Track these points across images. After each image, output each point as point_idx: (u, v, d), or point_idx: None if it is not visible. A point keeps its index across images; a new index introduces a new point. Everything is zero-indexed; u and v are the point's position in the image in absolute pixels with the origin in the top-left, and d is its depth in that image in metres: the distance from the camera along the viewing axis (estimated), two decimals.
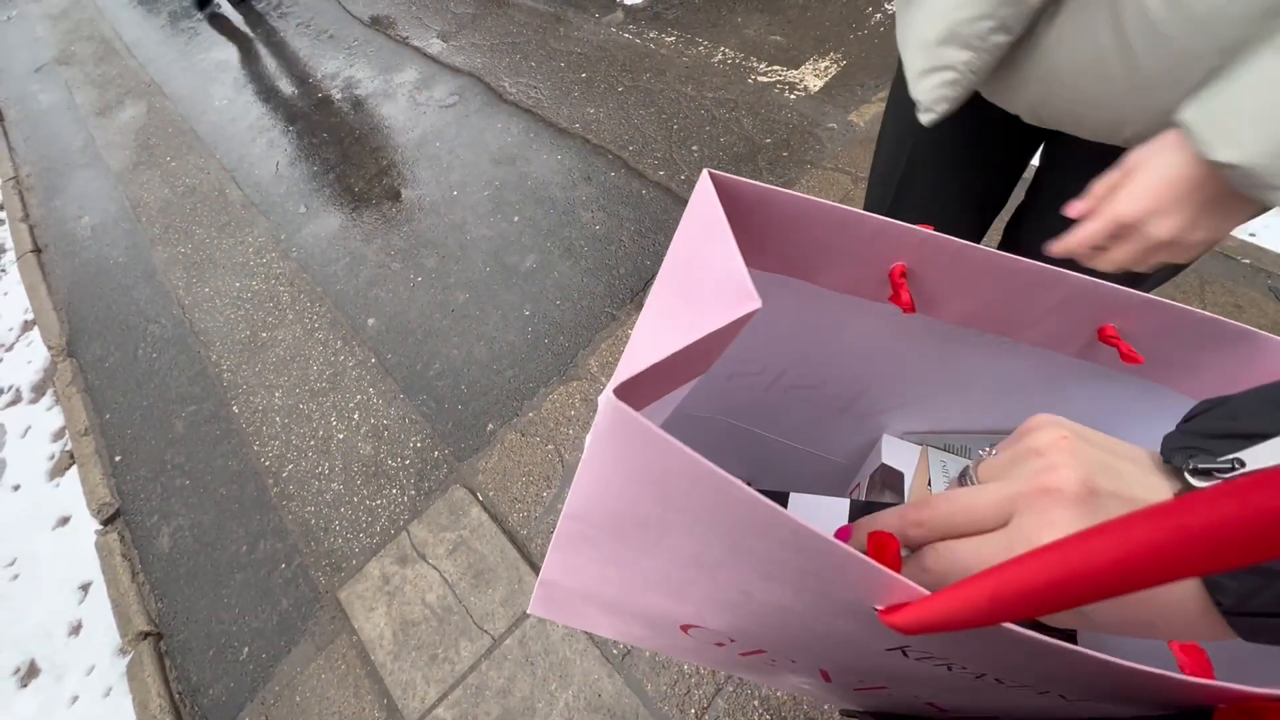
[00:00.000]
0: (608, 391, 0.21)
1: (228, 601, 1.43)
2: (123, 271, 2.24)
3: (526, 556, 1.33)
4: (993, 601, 0.18)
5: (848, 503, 0.39)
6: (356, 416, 1.65)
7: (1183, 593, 0.21)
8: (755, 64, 2.22)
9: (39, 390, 2.02)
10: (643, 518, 0.26)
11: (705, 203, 0.29)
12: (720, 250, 0.26)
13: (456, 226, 2.01)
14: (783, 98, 2.08)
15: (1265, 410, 0.22)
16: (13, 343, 2.19)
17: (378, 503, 1.48)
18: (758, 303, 0.23)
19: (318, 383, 1.74)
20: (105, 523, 1.64)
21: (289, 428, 1.67)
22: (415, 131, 2.38)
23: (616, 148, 2.08)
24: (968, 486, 0.27)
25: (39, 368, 2.08)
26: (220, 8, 3.55)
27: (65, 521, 1.69)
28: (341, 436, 1.62)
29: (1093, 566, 0.16)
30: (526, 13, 2.79)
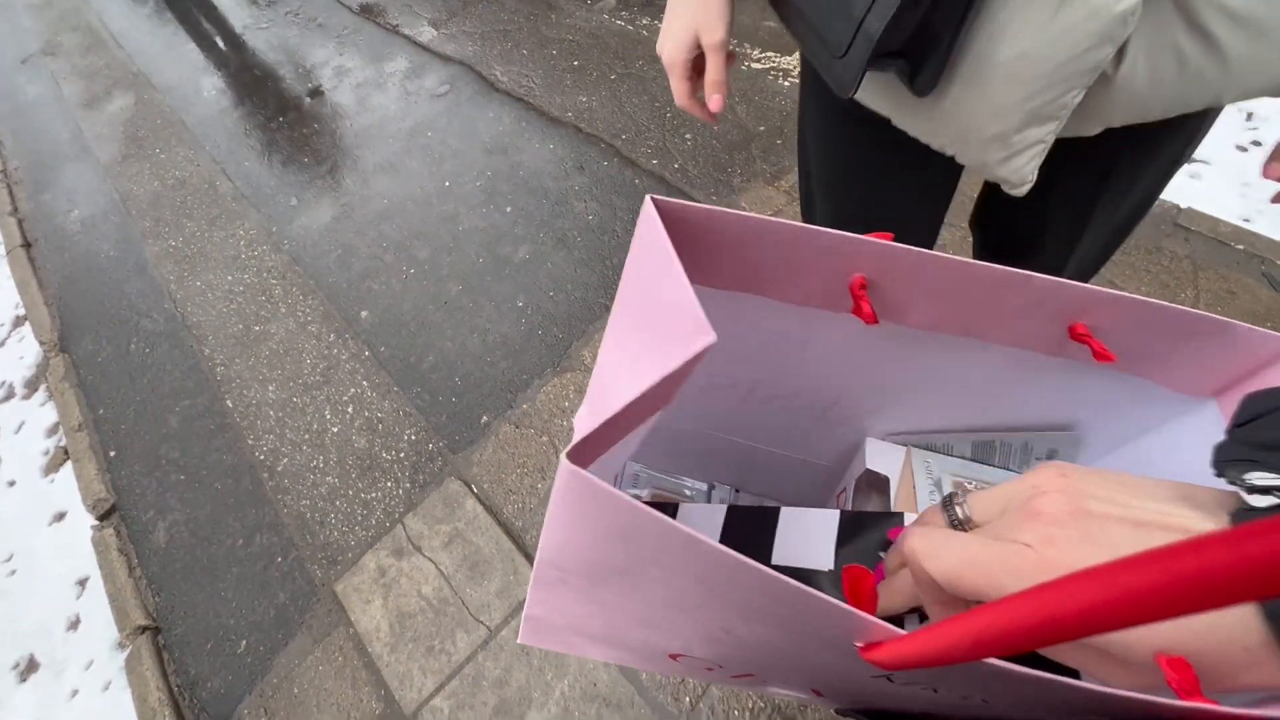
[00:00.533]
0: (563, 456, 0.21)
1: (225, 595, 1.44)
2: (114, 266, 2.23)
3: (522, 548, 1.33)
4: (974, 643, 0.18)
5: (837, 514, 0.39)
6: (350, 410, 1.65)
7: (1238, 627, 0.19)
8: (748, 50, 2.20)
9: (31, 386, 2.01)
10: (617, 567, 0.26)
11: (651, 230, 0.28)
12: (669, 281, 0.25)
13: (449, 218, 2.00)
14: (776, 84, 2.06)
15: None
16: (4, 338, 2.18)
17: (373, 496, 1.49)
18: (712, 337, 0.22)
19: (311, 376, 1.74)
20: (101, 518, 1.64)
21: (283, 421, 1.67)
22: (407, 121, 2.35)
23: (609, 137, 2.06)
24: (970, 533, 0.26)
25: (31, 363, 2.07)
26: None
27: (61, 517, 1.69)
28: (336, 430, 1.62)
29: (1073, 608, 0.16)
30: None
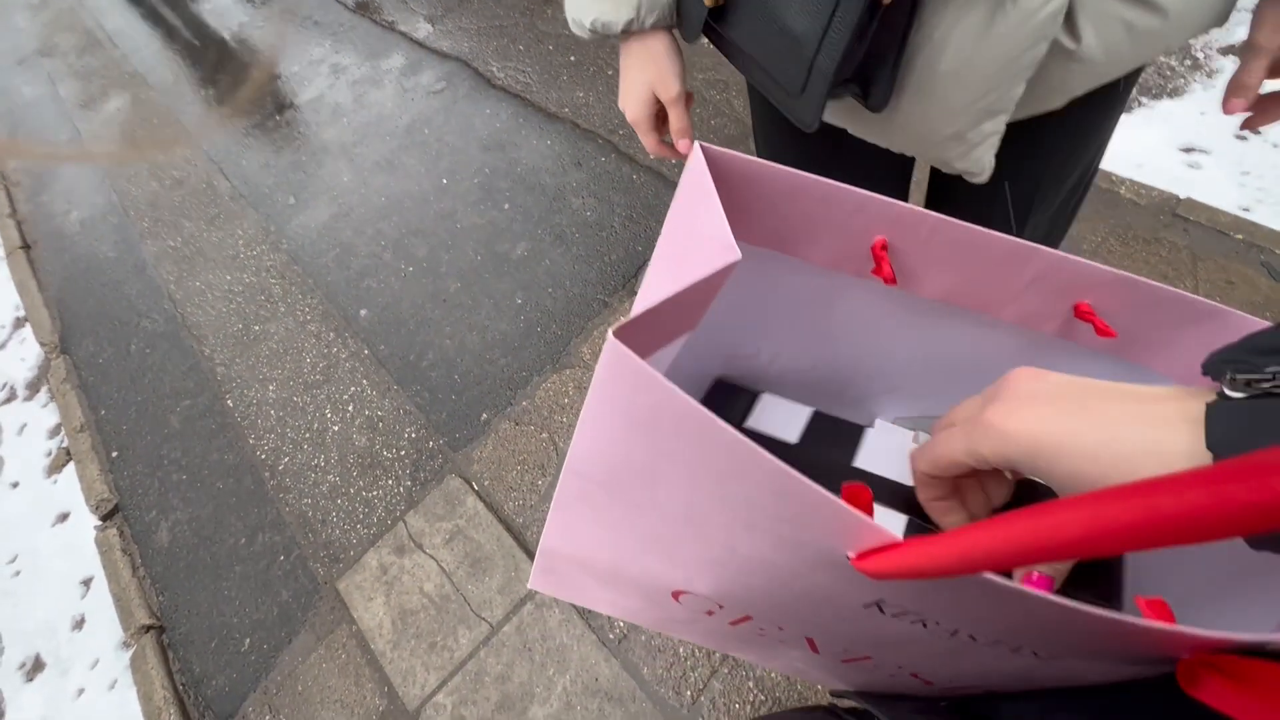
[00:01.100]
0: (610, 332, 0.23)
1: (228, 594, 1.45)
2: (113, 266, 2.23)
3: (523, 544, 1.34)
4: (960, 558, 0.19)
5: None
6: (351, 408, 1.65)
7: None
8: None
9: (33, 387, 2.02)
10: (636, 467, 0.28)
11: (696, 173, 0.31)
12: (707, 214, 0.28)
13: (447, 215, 2.00)
14: None
15: None
16: (5, 340, 2.18)
17: (374, 494, 1.49)
18: (737, 255, 0.25)
19: (311, 375, 1.74)
20: (104, 518, 1.65)
21: (284, 421, 1.67)
22: (404, 118, 2.35)
23: (606, 132, 2.06)
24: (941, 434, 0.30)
25: (32, 365, 2.07)
26: None
27: (64, 518, 1.70)
28: (336, 429, 1.62)
29: (1060, 538, 0.17)
30: None
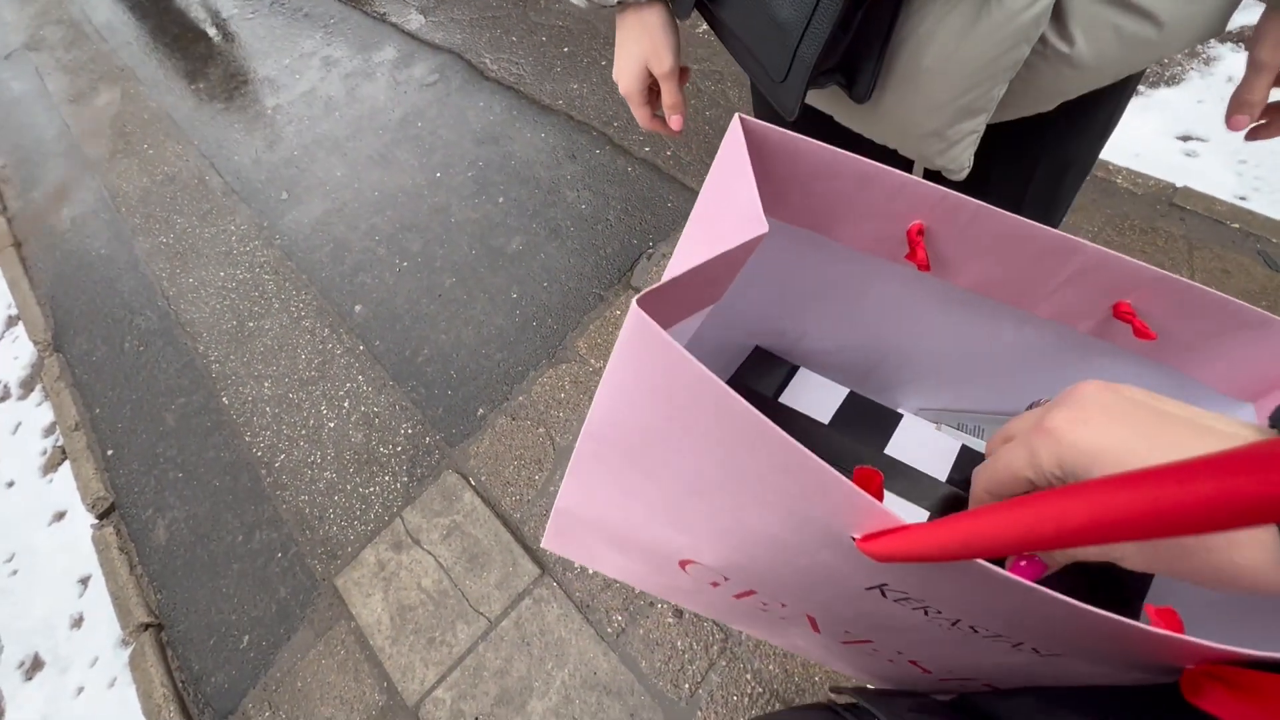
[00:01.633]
0: (634, 301, 0.23)
1: (226, 591, 1.45)
2: (105, 263, 2.21)
3: (520, 539, 1.34)
4: (964, 544, 0.19)
5: (959, 443, 0.41)
6: (347, 404, 1.65)
7: (1260, 546, 0.19)
8: None
9: (27, 386, 2.01)
10: (652, 433, 0.28)
11: (734, 145, 0.31)
12: (740, 186, 0.28)
13: (441, 209, 1.98)
14: None
15: None
16: None
17: (371, 490, 1.49)
18: (765, 227, 0.25)
19: (306, 371, 1.73)
20: (101, 517, 1.64)
21: (280, 418, 1.67)
22: (396, 112, 2.33)
23: (601, 124, 2.04)
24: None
25: (26, 363, 2.06)
26: None
27: (61, 516, 1.69)
28: (332, 425, 1.62)
29: (1064, 525, 0.17)
30: None
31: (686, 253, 0.30)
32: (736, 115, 0.31)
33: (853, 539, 0.23)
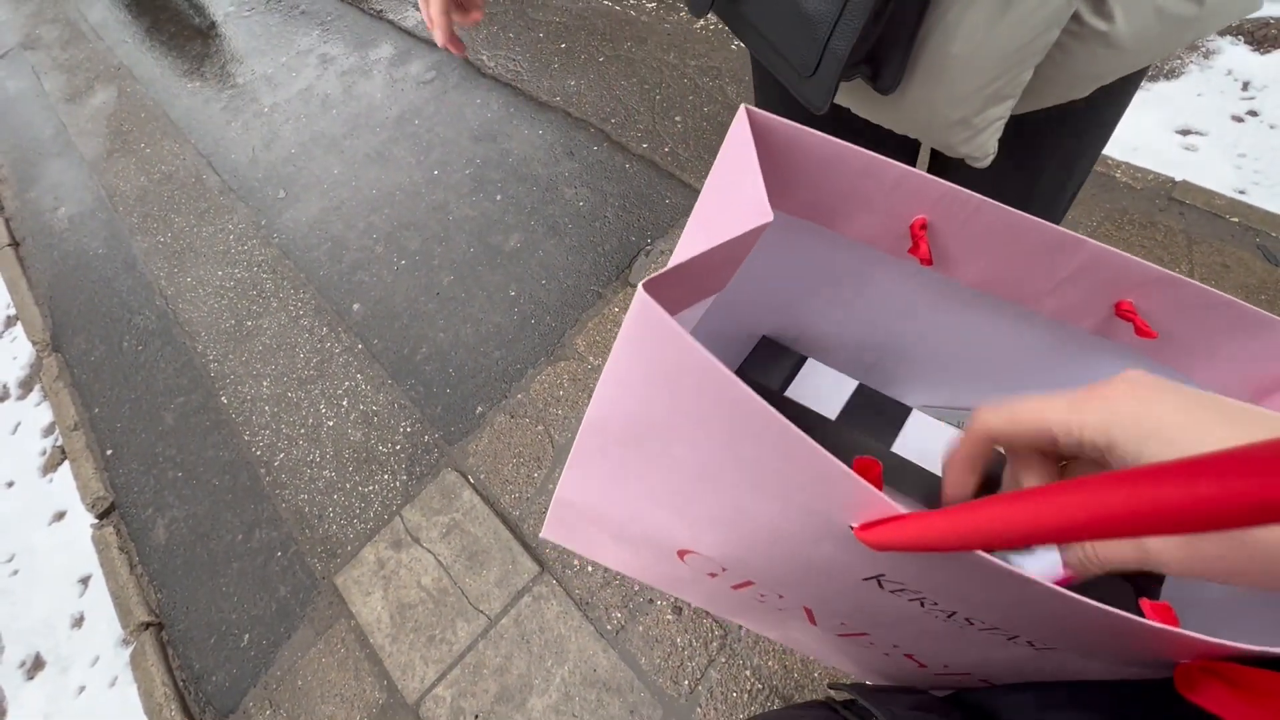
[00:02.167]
0: (640, 286, 0.23)
1: (226, 590, 1.45)
2: (103, 263, 2.21)
3: (519, 537, 1.34)
4: (962, 535, 0.19)
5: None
6: (345, 403, 1.65)
7: None
8: None
9: (26, 386, 2.01)
10: (655, 420, 0.28)
11: (739, 135, 0.31)
12: (746, 177, 0.28)
13: (439, 207, 1.98)
14: None
15: None
16: None
17: (370, 488, 1.49)
18: (769, 215, 0.25)
19: (305, 370, 1.73)
20: (100, 516, 1.64)
21: (278, 416, 1.67)
22: (393, 109, 2.32)
23: (598, 121, 2.03)
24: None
25: (24, 363, 2.06)
26: None
27: (61, 516, 1.70)
28: (331, 424, 1.62)
29: (1063, 520, 0.17)
30: None
31: (692, 240, 0.30)
32: (743, 106, 0.31)
33: (850, 528, 0.23)
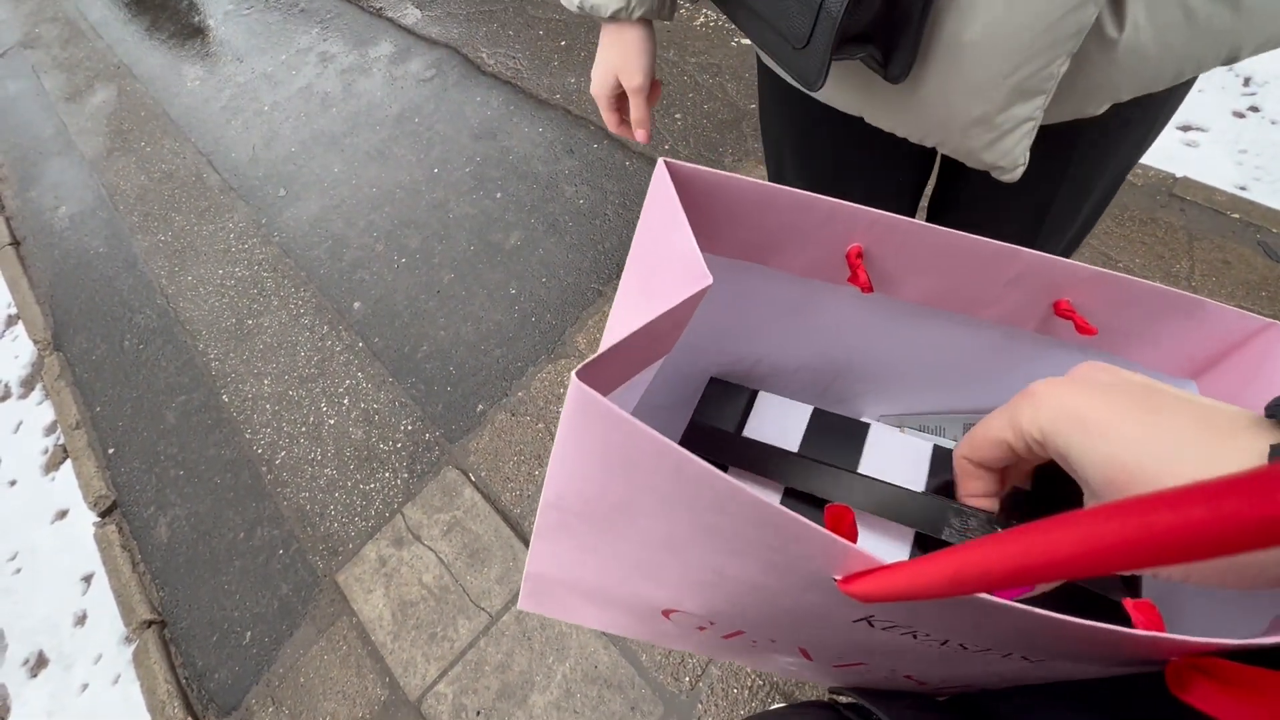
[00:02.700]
0: (573, 374, 0.22)
1: (228, 588, 1.45)
2: (104, 262, 2.21)
3: (520, 535, 1.34)
4: (950, 581, 0.19)
5: (931, 444, 0.41)
6: (346, 401, 1.65)
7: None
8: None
9: (28, 385, 2.01)
10: (614, 501, 0.27)
11: (662, 190, 0.30)
12: (676, 235, 0.27)
13: (439, 205, 1.98)
14: None
15: None
16: None
17: (371, 486, 1.49)
18: (709, 279, 0.24)
19: (306, 369, 1.73)
20: (103, 515, 1.65)
21: (280, 415, 1.67)
22: (394, 107, 2.32)
23: (598, 118, 2.03)
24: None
25: (26, 362, 2.06)
26: None
27: (63, 515, 1.70)
28: (332, 422, 1.62)
29: (1052, 558, 0.16)
30: None
31: (626, 311, 0.29)
32: (660, 160, 0.30)
33: (834, 580, 0.22)
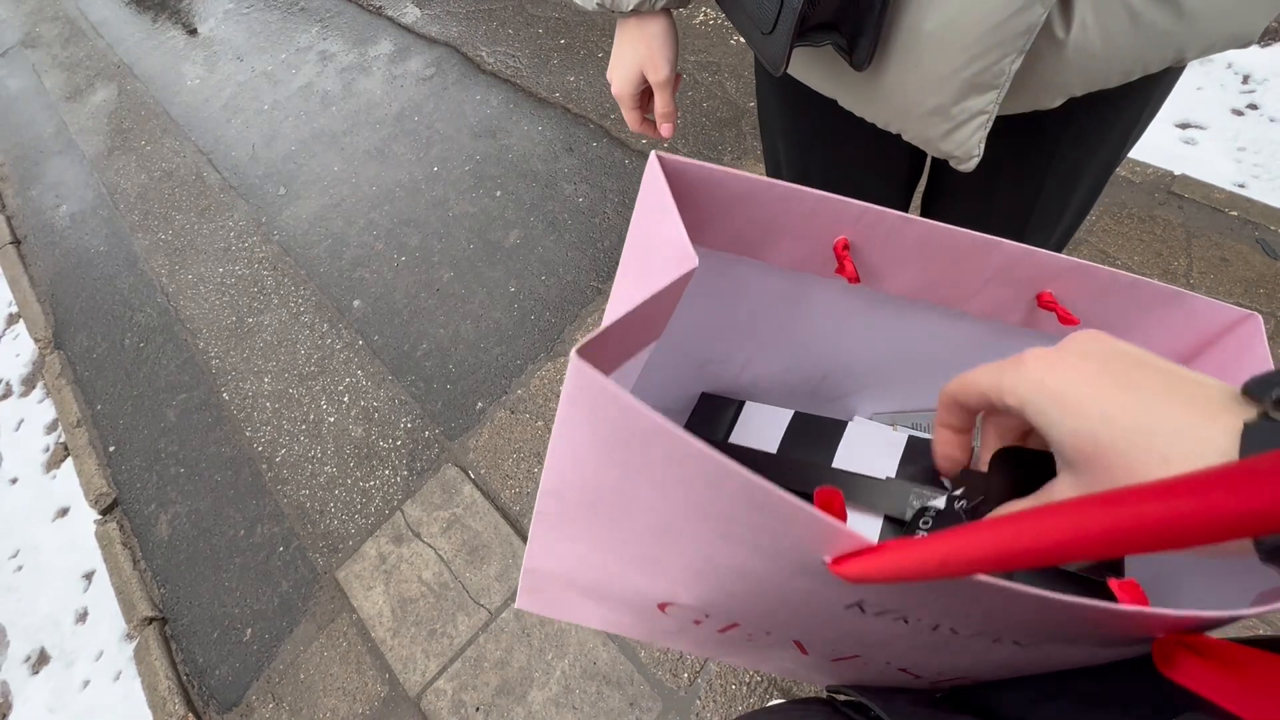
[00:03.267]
0: (573, 352, 0.23)
1: (228, 585, 1.46)
2: (104, 260, 2.22)
3: (519, 531, 1.34)
4: (942, 563, 0.19)
5: (906, 435, 0.43)
6: (346, 399, 1.65)
7: None
8: None
9: (29, 383, 2.01)
10: (610, 484, 0.28)
11: (654, 181, 0.31)
12: (666, 222, 0.28)
13: (438, 203, 1.98)
14: None
15: None
16: None
17: (371, 484, 1.50)
18: (695, 261, 0.25)
19: (306, 367, 1.74)
20: (103, 512, 1.65)
21: (280, 413, 1.68)
22: (393, 106, 2.32)
23: (598, 117, 2.03)
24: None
25: (27, 360, 2.07)
26: None
27: (64, 513, 1.71)
28: (332, 420, 1.63)
29: (1042, 544, 0.17)
30: None
31: (621, 295, 0.30)
32: (653, 153, 0.31)
33: (824, 562, 0.23)
